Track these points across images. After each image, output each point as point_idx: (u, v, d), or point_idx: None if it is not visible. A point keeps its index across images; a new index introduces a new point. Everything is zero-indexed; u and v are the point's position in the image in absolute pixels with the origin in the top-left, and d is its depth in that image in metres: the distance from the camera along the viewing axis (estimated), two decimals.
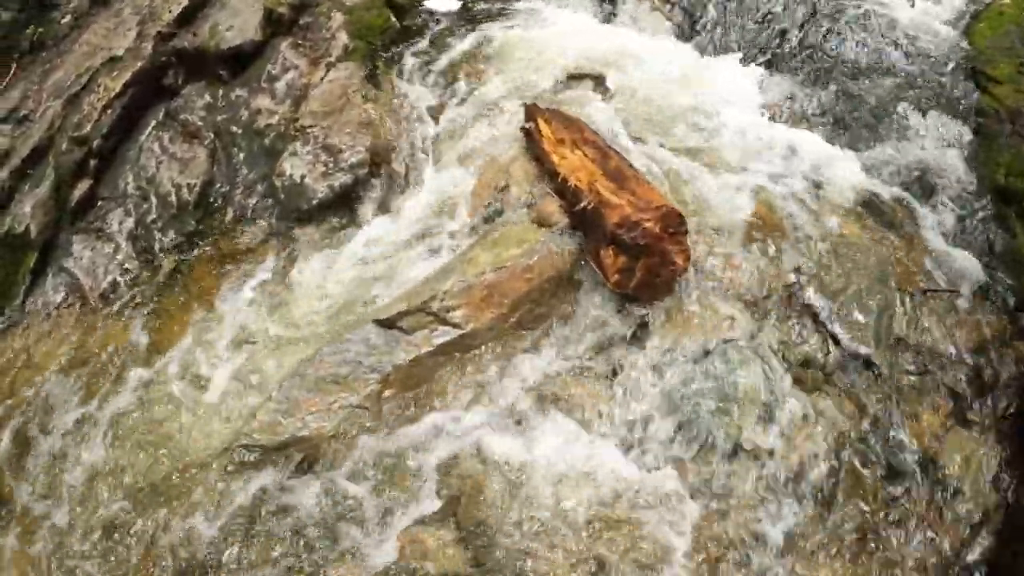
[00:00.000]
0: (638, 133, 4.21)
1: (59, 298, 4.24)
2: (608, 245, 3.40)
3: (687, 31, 5.30)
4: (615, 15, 5.42)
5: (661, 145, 4.15)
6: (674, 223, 3.39)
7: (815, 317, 3.42)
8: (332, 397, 3.39)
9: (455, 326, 3.40)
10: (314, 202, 4.10)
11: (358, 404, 3.36)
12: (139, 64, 4.49)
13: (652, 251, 3.36)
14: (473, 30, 4.95)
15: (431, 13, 5.16)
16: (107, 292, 4.19)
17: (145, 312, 4.09)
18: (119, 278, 4.21)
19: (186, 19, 4.68)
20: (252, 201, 4.25)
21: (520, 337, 3.47)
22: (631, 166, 3.74)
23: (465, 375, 3.40)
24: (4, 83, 4.66)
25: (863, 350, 3.30)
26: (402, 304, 3.45)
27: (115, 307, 4.15)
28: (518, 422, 3.27)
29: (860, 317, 3.40)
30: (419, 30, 5.01)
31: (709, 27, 5.28)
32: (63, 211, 4.32)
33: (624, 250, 3.37)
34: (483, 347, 3.44)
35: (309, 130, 4.26)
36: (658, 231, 3.34)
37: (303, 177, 4.13)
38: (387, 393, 3.38)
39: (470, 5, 5.24)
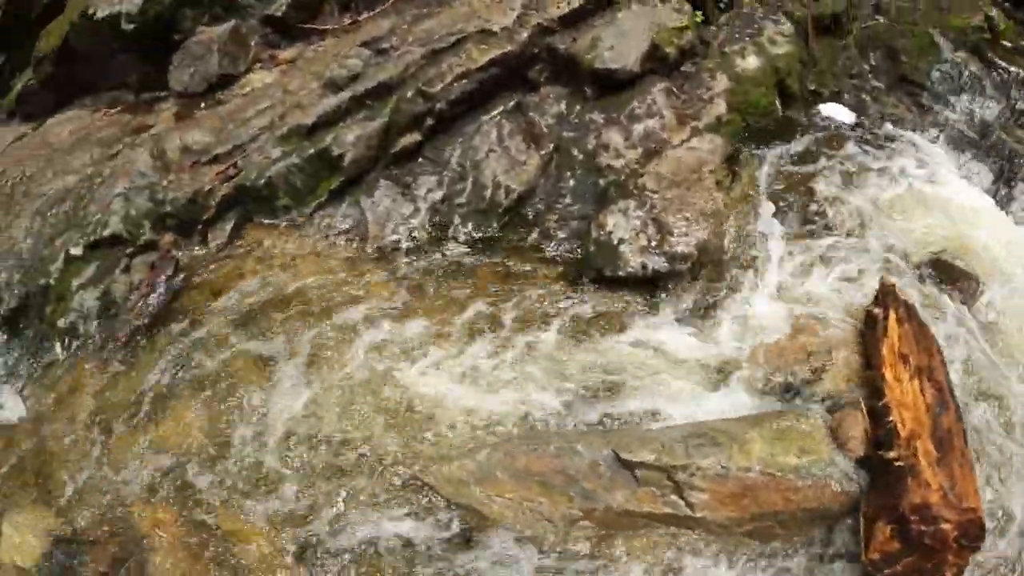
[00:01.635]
0: (985, 382, 3.52)
1: (343, 227, 4.29)
2: (889, 522, 2.87)
3: None
4: (1009, 199, 4.59)
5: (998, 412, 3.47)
6: (972, 535, 2.80)
7: None
8: (530, 495, 3.17)
9: (688, 506, 3.03)
10: (619, 272, 3.74)
11: (549, 517, 3.13)
12: (509, 47, 4.31)
13: (930, 555, 2.80)
14: (853, 158, 4.34)
15: (818, 115, 4.58)
16: (386, 247, 4.17)
17: (407, 286, 4.03)
18: (403, 241, 4.17)
19: (571, 21, 4.42)
20: (561, 235, 4.00)
21: (740, 547, 3.05)
22: (963, 434, 3.11)
23: (663, 555, 3.04)
24: (380, 9, 4.66)
25: None
26: (650, 453, 3.10)
27: (386, 263, 4.11)
28: None
29: None
30: (799, 129, 4.46)
31: None
32: (383, 153, 4.31)
33: (902, 537, 2.83)
34: (698, 536, 3.06)
35: (648, 194, 3.89)
36: (951, 538, 2.77)
37: (620, 241, 3.77)
38: (582, 523, 3.11)
39: (865, 124, 4.59)
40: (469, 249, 4.04)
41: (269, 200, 4.32)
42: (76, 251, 4.34)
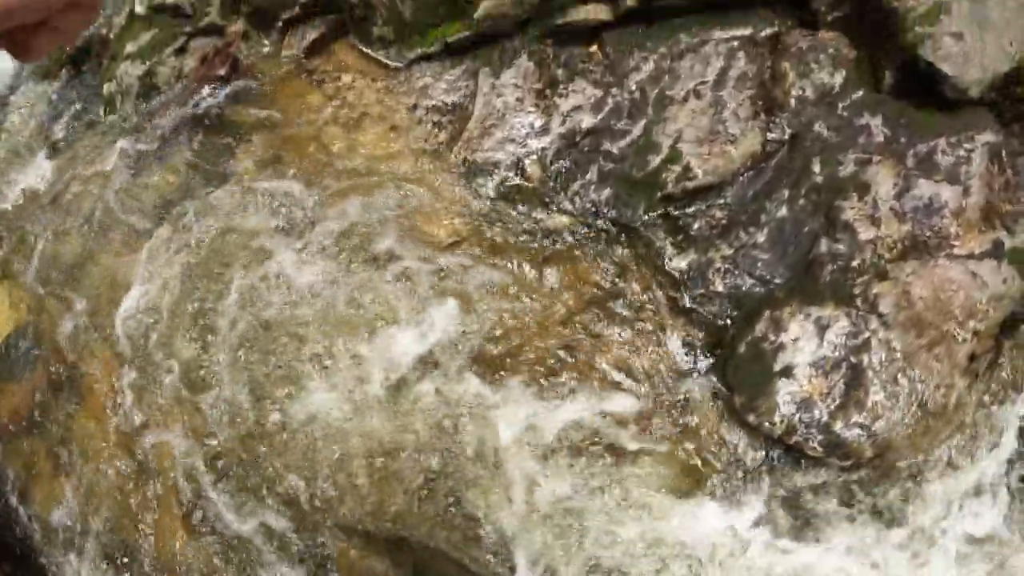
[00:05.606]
0: None
1: (441, 102, 3.05)
2: None
3: None
4: None
5: None
6: None
7: None
8: None
9: None
10: (748, 416, 2.37)
11: None
12: None
13: None
14: None
15: None
16: (476, 163, 2.86)
17: (474, 240, 2.82)
18: (503, 167, 2.83)
19: None
20: (718, 287, 2.52)
21: None
22: None
23: None
24: None
25: None
26: None
27: (467, 185, 2.88)
28: None
29: None
30: None
31: None
32: (540, 18, 2.79)
33: None
34: None
35: (873, 321, 2.33)
36: None
37: (786, 371, 2.35)
38: None
39: None
40: (583, 226, 2.66)
41: (365, 22, 2.97)
42: (140, 9, 3.70)
